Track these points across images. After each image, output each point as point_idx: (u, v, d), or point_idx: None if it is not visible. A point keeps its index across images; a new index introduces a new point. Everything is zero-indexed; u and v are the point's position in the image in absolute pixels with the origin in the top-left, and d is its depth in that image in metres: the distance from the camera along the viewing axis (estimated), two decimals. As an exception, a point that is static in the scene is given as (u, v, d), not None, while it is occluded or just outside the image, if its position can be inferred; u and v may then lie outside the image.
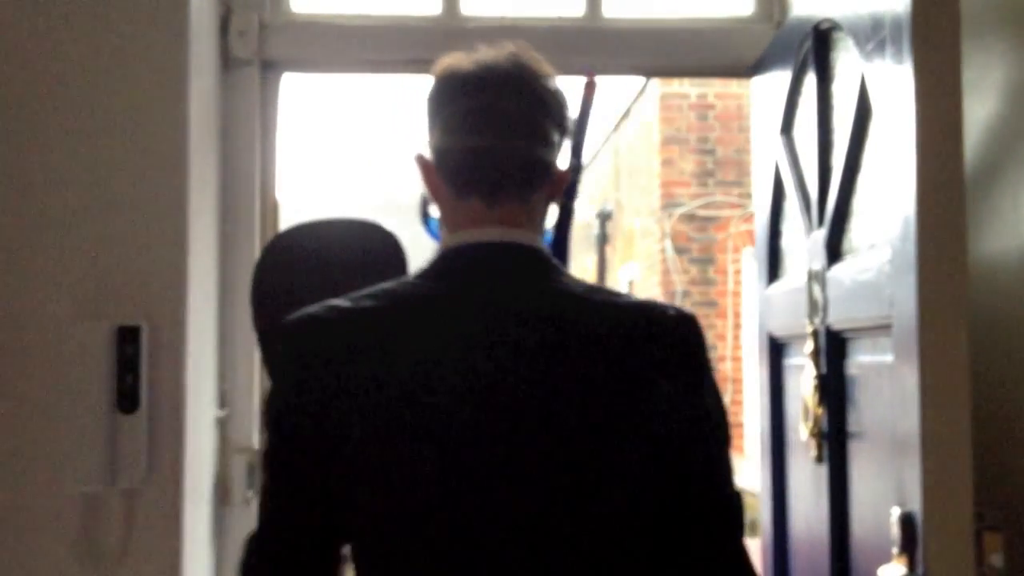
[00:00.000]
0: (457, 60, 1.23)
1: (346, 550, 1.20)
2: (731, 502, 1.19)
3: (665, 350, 1.17)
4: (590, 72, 1.85)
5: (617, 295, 1.22)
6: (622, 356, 1.15)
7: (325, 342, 1.14)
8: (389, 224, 1.87)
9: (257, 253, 2.36)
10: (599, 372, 1.14)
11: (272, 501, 1.17)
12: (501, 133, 1.19)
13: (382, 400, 1.11)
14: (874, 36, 1.71)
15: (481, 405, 1.11)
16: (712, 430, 1.19)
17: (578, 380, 1.13)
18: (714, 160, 8.78)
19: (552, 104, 1.23)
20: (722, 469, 1.20)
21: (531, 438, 1.11)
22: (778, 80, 2.31)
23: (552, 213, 1.36)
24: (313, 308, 1.18)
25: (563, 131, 1.26)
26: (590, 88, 1.83)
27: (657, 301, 1.25)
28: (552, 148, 1.24)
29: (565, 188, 1.34)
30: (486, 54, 1.22)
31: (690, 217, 8.72)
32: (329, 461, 1.12)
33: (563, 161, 1.29)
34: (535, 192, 1.22)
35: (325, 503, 1.14)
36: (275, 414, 1.17)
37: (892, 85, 1.64)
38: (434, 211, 1.51)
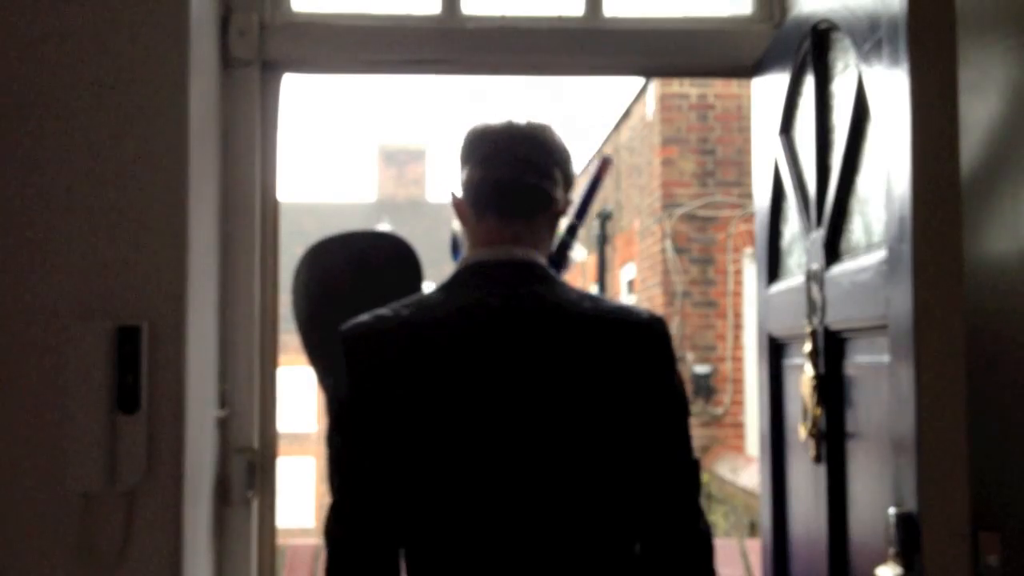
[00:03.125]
0: (490, 122, 1.61)
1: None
2: (691, 465, 1.51)
3: (640, 345, 1.50)
4: (607, 159, 2.27)
5: (601, 301, 1.54)
6: (605, 351, 1.47)
7: (375, 344, 1.47)
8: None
9: (257, 253, 2.36)
10: (587, 364, 1.47)
11: (348, 480, 1.47)
12: (515, 170, 1.56)
13: (423, 389, 1.44)
14: (871, 36, 1.71)
15: (498, 390, 1.44)
16: (677, 408, 1.51)
17: (571, 370, 1.46)
18: (714, 160, 8.78)
19: (556, 152, 1.59)
20: (684, 439, 1.51)
21: (535, 415, 1.44)
22: (778, 80, 2.31)
23: (555, 239, 1.72)
24: (363, 317, 1.50)
25: (565, 174, 1.61)
26: (605, 166, 2.19)
27: (633, 306, 1.57)
28: (554, 184, 1.59)
29: (567, 231, 1.87)
30: (513, 118, 1.61)
31: (690, 217, 8.72)
32: (390, 438, 1.44)
33: (565, 197, 1.63)
34: (538, 215, 1.58)
35: (393, 478, 1.44)
36: (343, 403, 1.48)
37: (889, 86, 1.64)
38: (463, 247, 1.88)
